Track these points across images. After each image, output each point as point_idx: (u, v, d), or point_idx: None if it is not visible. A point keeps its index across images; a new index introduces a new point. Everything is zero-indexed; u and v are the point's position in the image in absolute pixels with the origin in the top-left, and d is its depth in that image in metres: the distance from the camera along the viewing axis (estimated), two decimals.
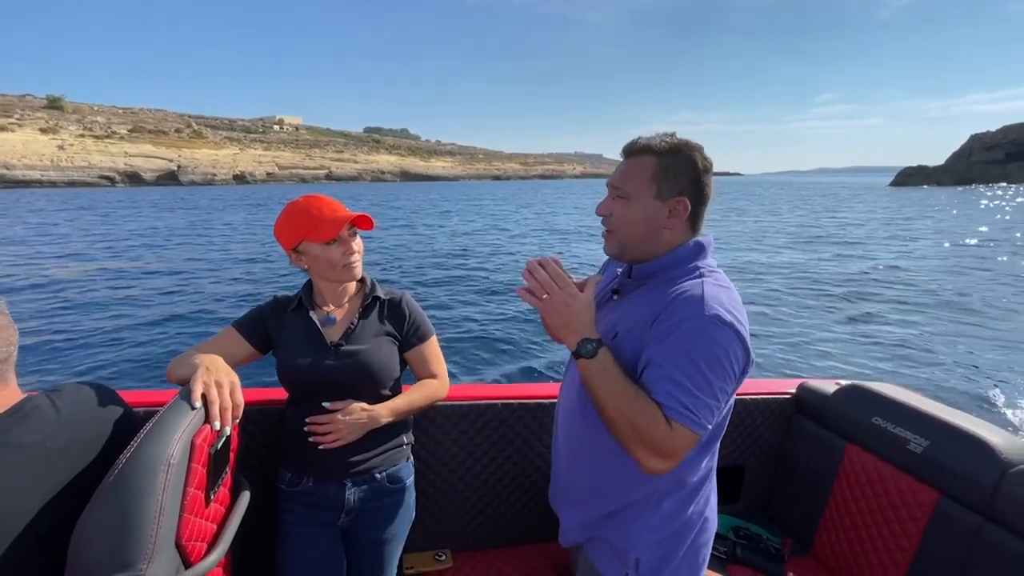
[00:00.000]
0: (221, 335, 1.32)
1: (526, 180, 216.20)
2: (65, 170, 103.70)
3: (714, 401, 0.90)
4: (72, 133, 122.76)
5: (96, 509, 0.78)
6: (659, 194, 1.02)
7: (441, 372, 1.39)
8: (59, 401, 0.91)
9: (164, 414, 0.93)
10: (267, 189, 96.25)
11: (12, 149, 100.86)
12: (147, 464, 0.81)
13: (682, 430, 0.87)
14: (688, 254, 1.05)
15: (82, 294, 9.34)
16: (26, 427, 0.83)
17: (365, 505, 1.34)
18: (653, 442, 0.86)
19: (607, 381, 0.86)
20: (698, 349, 0.90)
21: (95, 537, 0.75)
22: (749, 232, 20.93)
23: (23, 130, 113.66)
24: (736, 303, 0.97)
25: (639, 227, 1.04)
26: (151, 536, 0.76)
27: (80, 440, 0.89)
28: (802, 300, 9.09)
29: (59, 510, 0.80)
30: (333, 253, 1.26)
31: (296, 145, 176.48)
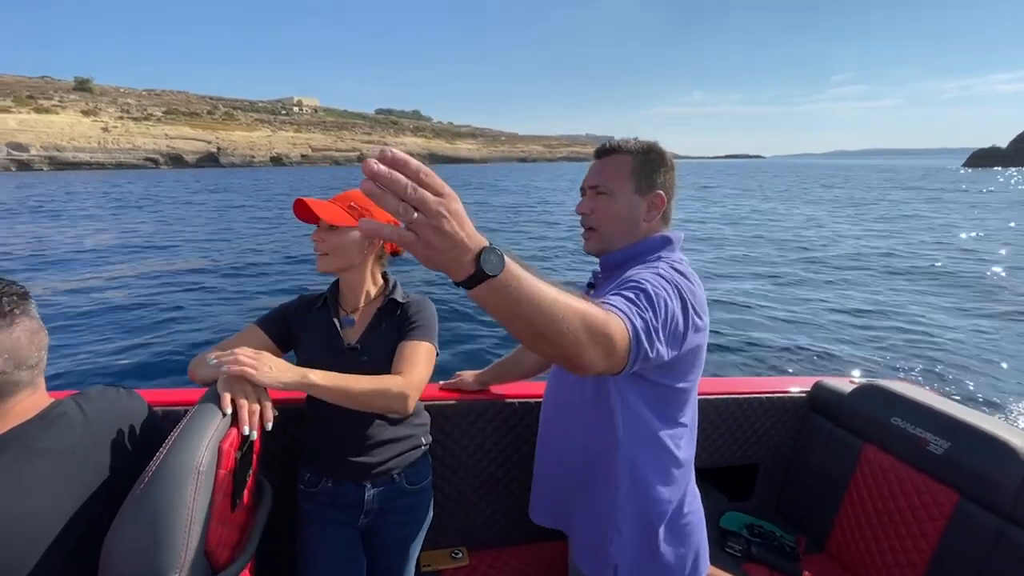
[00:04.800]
0: (244, 333, 1.32)
1: (552, 162, 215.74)
2: (112, 152, 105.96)
3: (648, 313, 0.86)
4: (112, 115, 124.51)
5: (127, 518, 0.78)
6: (638, 189, 1.09)
7: (410, 376, 1.21)
8: (86, 405, 0.91)
9: (192, 419, 0.92)
10: (304, 171, 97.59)
11: (60, 131, 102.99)
12: (177, 472, 0.82)
13: (617, 320, 0.79)
14: (654, 245, 1.09)
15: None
16: (54, 433, 0.84)
17: (384, 506, 1.33)
18: (604, 330, 0.75)
19: (529, 286, 0.64)
20: (634, 281, 0.93)
21: (126, 546, 0.76)
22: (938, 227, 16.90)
23: (66, 112, 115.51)
24: (690, 286, 0.99)
25: (622, 221, 1.10)
26: (182, 545, 0.77)
27: (107, 445, 0.89)
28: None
29: (90, 516, 0.81)
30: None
31: (324, 127, 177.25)
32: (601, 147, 1.16)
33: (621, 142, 1.12)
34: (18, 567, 0.70)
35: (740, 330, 6.25)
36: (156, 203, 25.34)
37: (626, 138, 1.14)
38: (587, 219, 1.15)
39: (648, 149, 1.10)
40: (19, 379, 0.82)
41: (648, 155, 1.10)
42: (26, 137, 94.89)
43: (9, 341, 0.79)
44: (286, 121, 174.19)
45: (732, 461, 1.87)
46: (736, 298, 7.69)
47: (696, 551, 1.14)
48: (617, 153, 1.11)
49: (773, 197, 30.98)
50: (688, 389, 1.08)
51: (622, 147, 1.11)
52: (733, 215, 20.63)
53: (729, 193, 34.79)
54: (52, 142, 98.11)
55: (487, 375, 1.68)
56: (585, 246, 1.18)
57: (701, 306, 1.00)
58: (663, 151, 1.12)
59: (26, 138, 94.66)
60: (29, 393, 0.84)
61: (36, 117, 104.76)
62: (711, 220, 18.85)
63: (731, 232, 15.34)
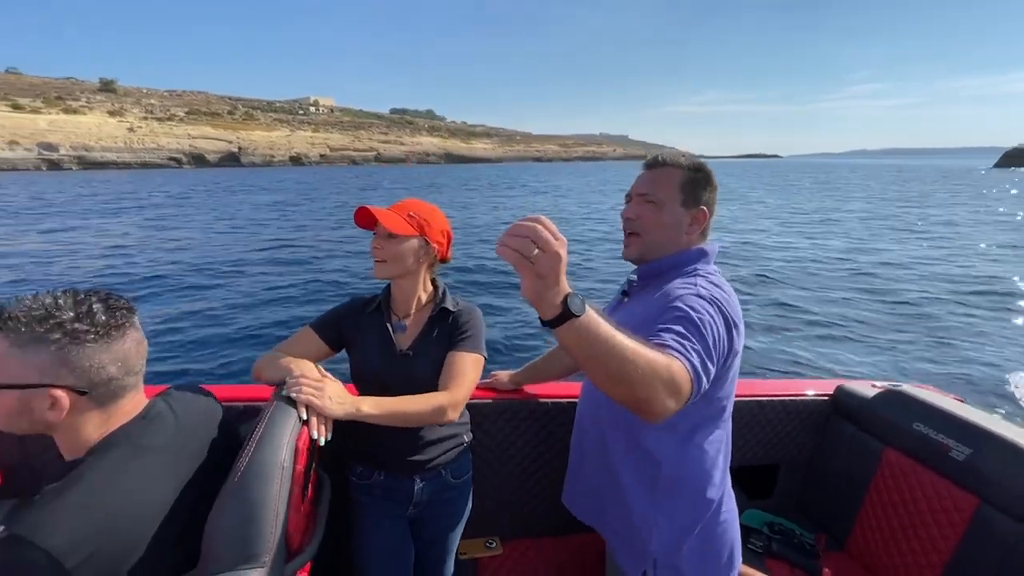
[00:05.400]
0: (299, 335, 1.36)
1: (568, 162, 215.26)
2: (137, 152, 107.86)
3: (698, 346, 0.91)
4: (136, 116, 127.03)
5: (226, 507, 0.89)
6: (685, 203, 1.15)
7: (456, 391, 1.27)
8: (175, 405, 1.00)
9: (271, 419, 1.03)
10: (324, 170, 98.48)
11: (88, 132, 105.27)
12: (265, 468, 0.92)
13: (678, 363, 0.85)
14: (692, 257, 1.15)
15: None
16: (153, 431, 0.92)
17: (432, 498, 1.41)
18: (668, 374, 0.81)
19: (605, 330, 0.76)
20: (681, 311, 0.97)
21: (226, 533, 0.86)
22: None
23: (93, 113, 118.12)
24: (727, 298, 1.05)
25: (666, 231, 1.15)
26: (271, 533, 0.87)
27: (194, 441, 0.99)
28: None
29: (187, 504, 0.89)
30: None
31: (342, 127, 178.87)
32: (653, 159, 1.21)
33: (672, 156, 1.18)
34: (134, 548, 0.80)
35: (770, 333, 6.25)
36: (223, 200, 26.09)
37: (675, 152, 1.20)
38: (632, 224, 1.19)
39: (698, 167, 1.17)
40: (127, 383, 0.90)
41: (697, 172, 1.16)
42: (56, 137, 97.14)
43: (122, 351, 0.87)
44: (304, 121, 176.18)
45: (753, 461, 1.91)
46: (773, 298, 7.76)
47: (731, 547, 1.19)
48: (669, 167, 1.17)
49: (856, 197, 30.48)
50: (726, 397, 1.12)
51: (674, 161, 1.17)
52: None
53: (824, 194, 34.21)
54: (81, 142, 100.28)
55: (521, 376, 1.77)
56: (625, 252, 1.22)
57: (738, 316, 1.04)
58: (710, 171, 1.18)
59: (56, 138, 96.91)
60: (133, 395, 0.93)
61: (65, 118, 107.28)
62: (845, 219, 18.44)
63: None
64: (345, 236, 13.95)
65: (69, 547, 0.72)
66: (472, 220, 18.64)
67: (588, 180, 57.79)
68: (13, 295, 0.86)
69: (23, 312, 0.81)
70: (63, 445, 0.89)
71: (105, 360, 0.85)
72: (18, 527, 0.71)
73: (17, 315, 0.80)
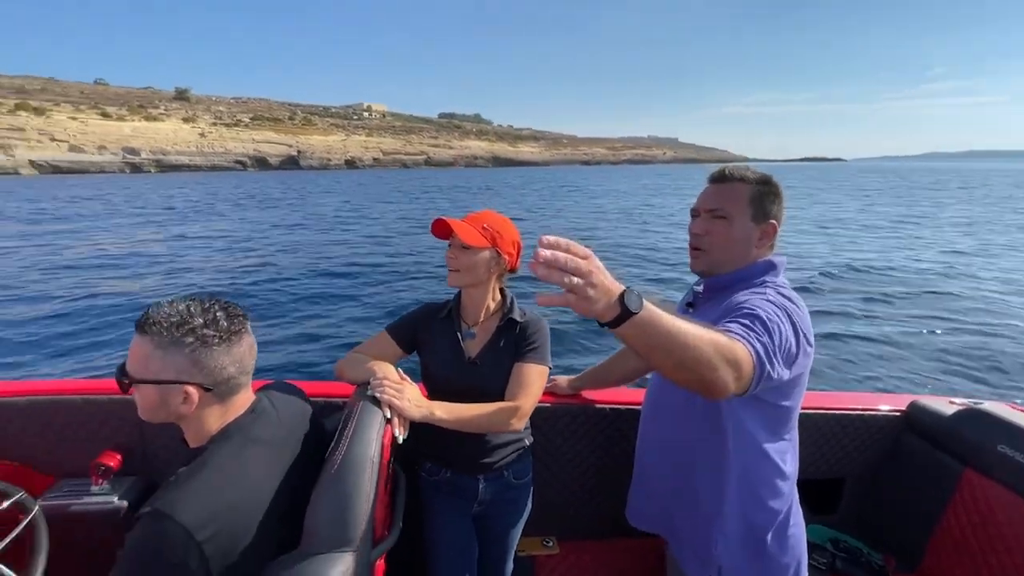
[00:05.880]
0: (377, 338, 1.45)
1: (616, 165, 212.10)
2: (208, 155, 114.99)
3: (765, 338, 0.91)
4: (207, 122, 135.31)
5: (325, 495, 0.96)
6: (754, 217, 1.13)
7: (523, 402, 1.33)
8: (275, 400, 1.11)
9: (361, 417, 1.11)
10: (376, 173, 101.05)
11: (165, 137, 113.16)
12: (359, 462, 1.00)
13: (740, 344, 0.87)
14: (760, 270, 1.14)
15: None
16: (261, 424, 1.03)
17: (495, 497, 1.47)
18: (732, 354, 0.83)
19: (666, 320, 0.76)
20: (747, 308, 0.98)
21: (325, 517, 0.94)
22: None
23: (169, 120, 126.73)
24: (797, 310, 1.04)
25: (735, 246, 1.14)
26: (363, 520, 0.95)
27: (292, 434, 1.08)
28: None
29: (289, 492, 0.99)
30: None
31: (394, 132, 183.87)
32: (719, 173, 1.19)
33: (739, 170, 1.17)
34: (249, 527, 0.90)
35: (837, 342, 5.94)
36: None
37: (741, 166, 1.18)
38: (699, 240, 1.18)
39: (766, 180, 1.15)
40: (241, 382, 1.01)
41: (766, 185, 1.15)
42: (137, 142, 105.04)
43: (239, 353, 0.98)
44: (358, 126, 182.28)
45: (818, 474, 1.86)
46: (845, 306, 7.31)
47: (798, 561, 1.17)
48: (736, 181, 1.16)
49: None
50: (793, 407, 1.12)
51: (741, 175, 1.16)
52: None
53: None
54: (158, 147, 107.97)
55: (580, 381, 1.79)
56: (692, 265, 1.22)
57: (808, 329, 1.03)
58: (778, 183, 1.17)
59: (137, 143, 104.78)
60: (244, 392, 1.03)
61: (145, 124, 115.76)
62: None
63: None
64: (427, 246, 13.78)
65: (200, 523, 0.82)
66: (539, 226, 18.12)
67: (644, 183, 56.23)
68: (155, 300, 0.97)
69: (164, 318, 0.91)
70: (189, 434, 1.00)
71: (226, 361, 0.96)
72: (160, 504, 0.82)
73: (159, 320, 0.91)
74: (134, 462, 1.66)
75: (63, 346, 6.11)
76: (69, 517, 1.51)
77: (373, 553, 1.01)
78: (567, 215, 21.52)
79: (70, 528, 1.47)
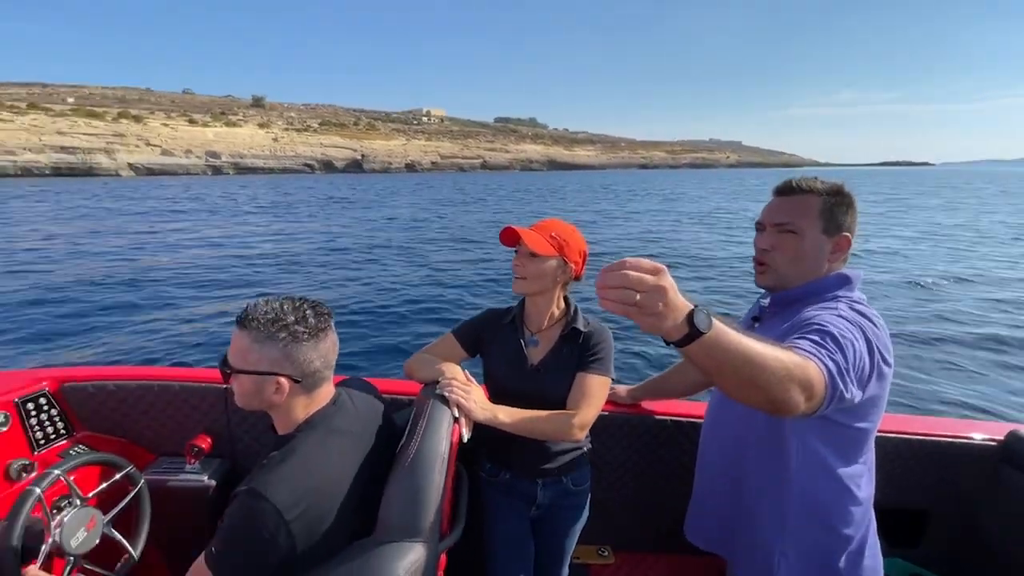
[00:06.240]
0: (442, 340, 1.50)
1: (676, 169, 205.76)
2: (280, 158, 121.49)
3: (837, 355, 0.88)
4: (280, 127, 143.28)
5: (398, 487, 1.01)
6: (826, 230, 1.08)
7: (585, 412, 1.33)
8: (352, 395, 1.17)
9: (431, 414, 1.15)
10: (434, 177, 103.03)
11: (243, 141, 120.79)
12: (431, 457, 1.04)
13: (812, 363, 0.83)
14: (832, 284, 1.08)
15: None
16: (341, 416, 1.09)
17: (552, 502, 1.48)
18: (803, 374, 0.79)
19: (734, 340, 0.73)
20: (818, 324, 0.93)
21: (397, 509, 0.98)
22: None
23: (247, 125, 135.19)
24: (873, 327, 0.98)
25: (805, 261, 1.09)
26: (432, 513, 0.99)
27: (367, 427, 1.14)
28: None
29: (364, 481, 1.04)
30: (512, 262, 1.41)
31: (452, 136, 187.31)
32: (785, 185, 1.14)
33: (807, 181, 1.11)
34: (331, 511, 0.96)
35: (921, 362, 5.43)
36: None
37: (809, 177, 1.13)
38: (765, 255, 1.14)
39: (837, 190, 1.10)
40: (325, 375, 1.08)
41: (837, 196, 1.09)
42: (218, 147, 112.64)
43: (324, 348, 1.05)
44: (418, 130, 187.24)
45: (899, 504, 1.73)
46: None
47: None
48: (804, 193, 1.10)
49: None
50: (868, 430, 1.06)
51: (810, 187, 1.10)
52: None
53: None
54: (237, 150, 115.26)
55: (639, 391, 1.76)
56: (758, 279, 1.17)
57: (886, 347, 0.98)
58: (850, 193, 1.11)
59: (218, 147, 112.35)
60: (327, 385, 1.10)
61: (226, 130, 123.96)
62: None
63: None
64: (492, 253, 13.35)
65: (289, 503, 0.89)
66: (606, 234, 17.06)
67: (712, 186, 53.68)
68: (254, 299, 1.05)
69: (261, 315, 1.00)
70: (278, 422, 1.08)
71: (313, 356, 1.03)
72: (255, 484, 0.90)
73: (257, 317, 1.00)
74: (221, 446, 1.80)
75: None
76: (166, 491, 1.64)
77: (439, 546, 1.03)
78: (643, 221, 20.28)
79: (165, 501, 1.57)
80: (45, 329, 6.53)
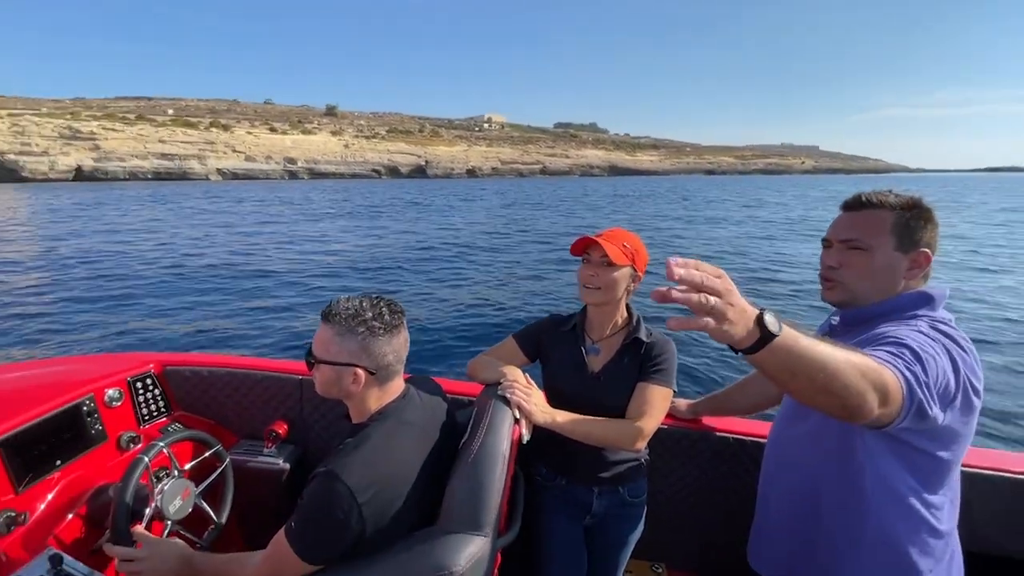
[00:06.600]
0: (504, 344, 1.53)
1: (746, 175, 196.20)
2: (350, 164, 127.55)
3: (916, 367, 0.83)
4: (350, 135, 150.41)
5: (462, 481, 1.04)
6: (900, 246, 1.03)
7: (646, 422, 1.31)
8: (419, 389, 1.23)
9: (494, 413, 1.19)
10: (494, 182, 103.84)
11: (317, 148, 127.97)
12: (494, 455, 1.07)
13: (888, 370, 0.79)
14: (911, 302, 1.02)
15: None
16: (410, 409, 1.15)
17: (608, 511, 1.46)
18: (880, 379, 0.75)
19: (806, 344, 0.70)
20: (895, 338, 0.89)
21: (460, 502, 1.01)
22: None
23: (320, 133, 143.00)
24: (958, 349, 0.92)
25: (877, 278, 1.04)
26: (493, 509, 1.01)
27: (433, 422, 1.19)
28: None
29: (429, 473, 1.08)
30: (580, 272, 1.40)
31: (512, 142, 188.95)
32: (854, 199, 1.09)
33: (879, 195, 1.06)
34: (398, 498, 1.01)
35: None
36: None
37: (881, 191, 1.08)
38: (832, 272, 1.09)
39: (913, 204, 1.04)
40: (397, 369, 1.13)
41: (913, 210, 1.04)
42: (295, 153, 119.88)
43: (397, 343, 1.11)
44: (480, 137, 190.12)
45: (997, 550, 1.57)
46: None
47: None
48: (875, 207, 1.05)
49: None
50: (950, 461, 0.98)
51: (881, 201, 1.05)
52: None
53: None
54: (312, 157, 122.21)
55: (701, 406, 1.71)
56: (826, 295, 1.12)
57: (975, 374, 0.93)
58: (929, 207, 1.05)
59: (295, 154, 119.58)
60: (398, 379, 1.16)
61: (302, 137, 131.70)
62: None
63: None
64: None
65: (362, 487, 0.94)
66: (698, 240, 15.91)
67: (795, 193, 49.96)
68: (337, 295, 1.11)
69: (343, 310, 1.07)
70: (353, 411, 1.14)
71: (387, 350, 1.09)
72: (332, 466, 0.96)
73: (339, 312, 1.07)
74: (295, 433, 1.91)
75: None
76: (246, 471, 1.74)
77: (498, 542, 1.05)
78: (726, 228, 18.85)
79: (245, 480, 1.67)
80: (159, 309, 7.42)
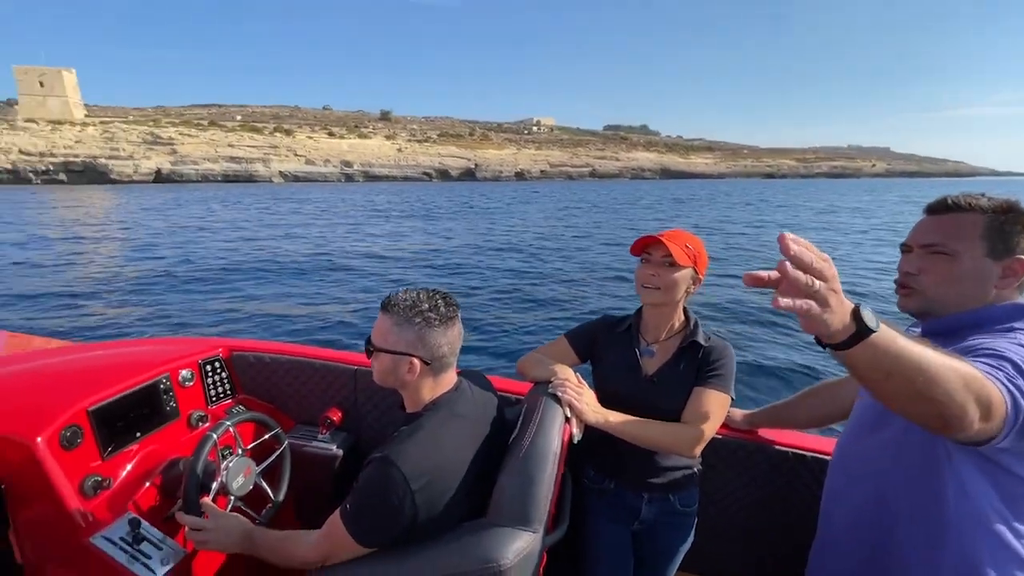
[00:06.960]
0: (556, 343, 1.51)
1: (809, 179, 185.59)
2: (403, 168, 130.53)
3: (1020, 381, 0.77)
4: (403, 139, 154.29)
5: (512, 476, 1.04)
6: (992, 252, 0.96)
7: (704, 429, 1.27)
8: (470, 383, 1.24)
9: (545, 411, 1.19)
10: (544, 185, 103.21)
11: (372, 152, 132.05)
12: (544, 452, 1.07)
13: (991, 382, 0.73)
14: (1004, 314, 0.95)
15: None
16: (463, 402, 1.17)
17: (657, 519, 1.43)
18: (983, 389, 0.70)
19: (904, 342, 0.65)
20: (993, 350, 0.84)
21: (510, 496, 1.02)
22: None
23: (375, 137, 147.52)
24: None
25: (963, 285, 0.97)
26: (543, 505, 1.02)
27: (484, 416, 1.20)
28: None
29: (479, 466, 1.10)
30: (639, 271, 1.37)
31: (561, 145, 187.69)
32: (939, 203, 1.03)
33: (967, 198, 0.99)
34: (449, 488, 1.02)
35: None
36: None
37: (972, 193, 1.01)
38: (910, 278, 1.03)
39: (1008, 207, 0.97)
40: (451, 361, 1.15)
41: (1008, 214, 0.97)
42: (351, 157, 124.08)
43: (452, 336, 1.13)
44: (529, 140, 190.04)
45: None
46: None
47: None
48: (963, 211, 0.99)
49: None
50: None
51: (971, 203, 0.98)
52: None
53: None
54: (367, 160, 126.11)
55: (758, 417, 1.64)
56: (902, 303, 1.06)
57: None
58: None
59: (351, 157, 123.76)
60: (451, 371, 1.18)
61: (358, 141, 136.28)
62: None
63: None
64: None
65: (416, 474, 0.96)
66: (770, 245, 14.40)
67: (887, 198, 46.13)
68: (398, 287, 1.15)
69: (401, 301, 1.11)
70: (407, 400, 1.17)
71: (442, 341, 1.11)
72: (388, 452, 0.98)
73: (398, 303, 1.11)
74: (348, 421, 1.97)
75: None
76: (302, 455, 1.80)
77: (545, 540, 1.05)
78: (807, 234, 17.76)
79: (300, 464, 1.73)
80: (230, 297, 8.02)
